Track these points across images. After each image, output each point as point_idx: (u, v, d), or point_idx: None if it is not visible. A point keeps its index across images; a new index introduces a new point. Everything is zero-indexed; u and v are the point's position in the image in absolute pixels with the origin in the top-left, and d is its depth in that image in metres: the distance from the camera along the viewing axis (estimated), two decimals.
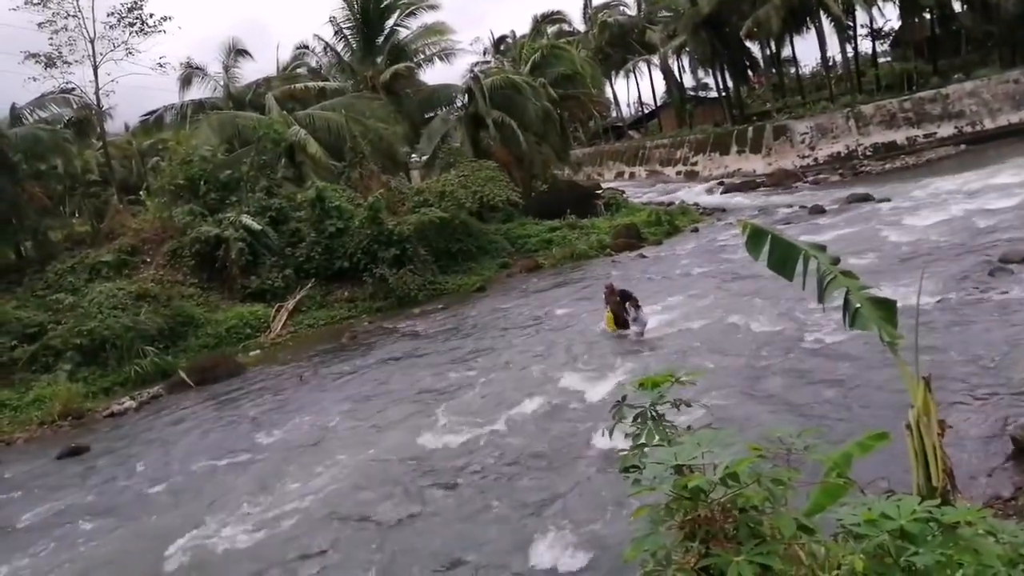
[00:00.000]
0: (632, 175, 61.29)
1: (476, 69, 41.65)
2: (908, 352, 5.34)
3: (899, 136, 40.81)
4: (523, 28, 72.00)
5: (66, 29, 30.86)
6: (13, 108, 31.27)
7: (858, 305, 5.16)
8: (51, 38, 30.86)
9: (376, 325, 22.26)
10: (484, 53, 68.75)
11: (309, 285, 24.68)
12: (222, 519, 10.08)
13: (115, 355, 19.73)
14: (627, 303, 15.61)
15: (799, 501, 2.86)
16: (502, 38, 73.15)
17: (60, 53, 31.08)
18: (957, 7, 47.87)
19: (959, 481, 5.57)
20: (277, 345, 21.88)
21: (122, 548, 9.93)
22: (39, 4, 30.16)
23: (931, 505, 2.46)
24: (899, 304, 5.54)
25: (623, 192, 40.87)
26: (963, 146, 38.83)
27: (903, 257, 18.00)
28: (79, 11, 30.92)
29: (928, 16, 48.31)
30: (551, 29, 64.40)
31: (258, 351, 21.42)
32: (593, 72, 42.42)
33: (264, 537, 9.42)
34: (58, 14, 30.60)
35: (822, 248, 5.52)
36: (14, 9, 29.96)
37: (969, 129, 39.85)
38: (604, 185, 47.77)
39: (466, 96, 35.70)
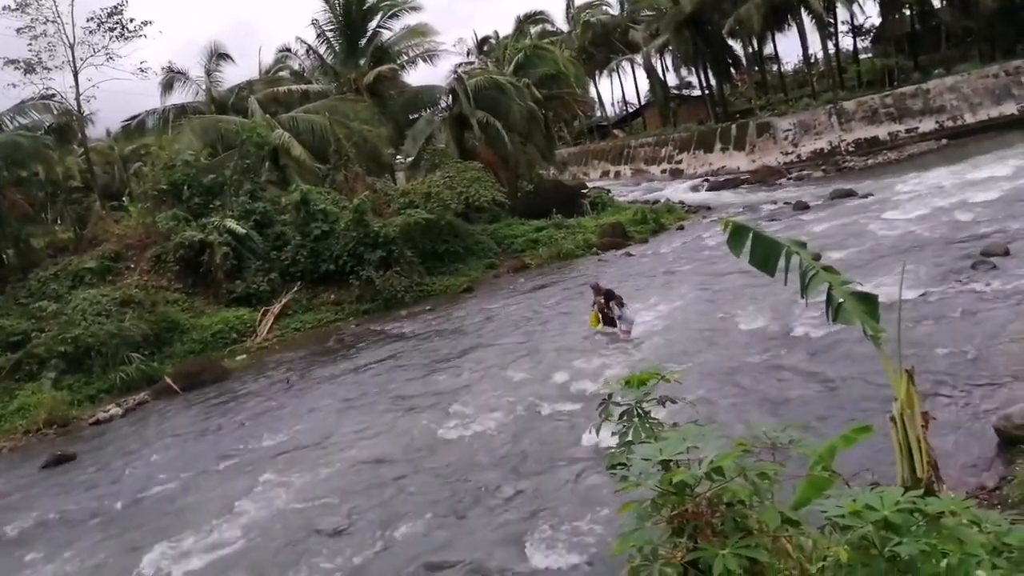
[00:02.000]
0: (617, 174, 61.43)
1: (460, 70, 41.59)
2: (891, 345, 5.39)
3: (881, 131, 41.14)
4: (506, 29, 72.06)
5: (45, 35, 30.66)
6: None
7: (841, 300, 5.20)
8: (30, 44, 30.66)
9: (363, 327, 22.20)
10: (468, 54, 68.67)
11: (295, 288, 24.58)
12: (207, 527, 9.98)
13: (100, 362, 19.58)
14: (611, 302, 15.65)
15: (785, 495, 2.88)
16: (485, 39, 73.07)
17: (40, 59, 30.88)
18: (936, 3, 48.37)
19: (943, 472, 5.61)
20: (263, 349, 21.77)
21: (106, 559, 9.84)
22: (17, 10, 29.92)
23: (915, 496, 2.48)
24: (882, 298, 5.59)
25: (609, 191, 40.96)
26: (944, 140, 39.19)
27: (886, 251, 18.13)
28: (58, 16, 30.72)
29: (908, 12, 48.84)
30: (534, 29, 64.46)
31: (244, 356, 21.31)
32: (577, 72, 42.47)
33: (250, 545, 9.36)
34: (37, 20, 30.40)
35: (803, 244, 5.57)
36: None
37: (950, 124, 40.23)
38: (589, 184, 47.90)
39: (450, 97, 35.67)
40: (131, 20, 32.18)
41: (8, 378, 19.27)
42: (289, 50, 40.85)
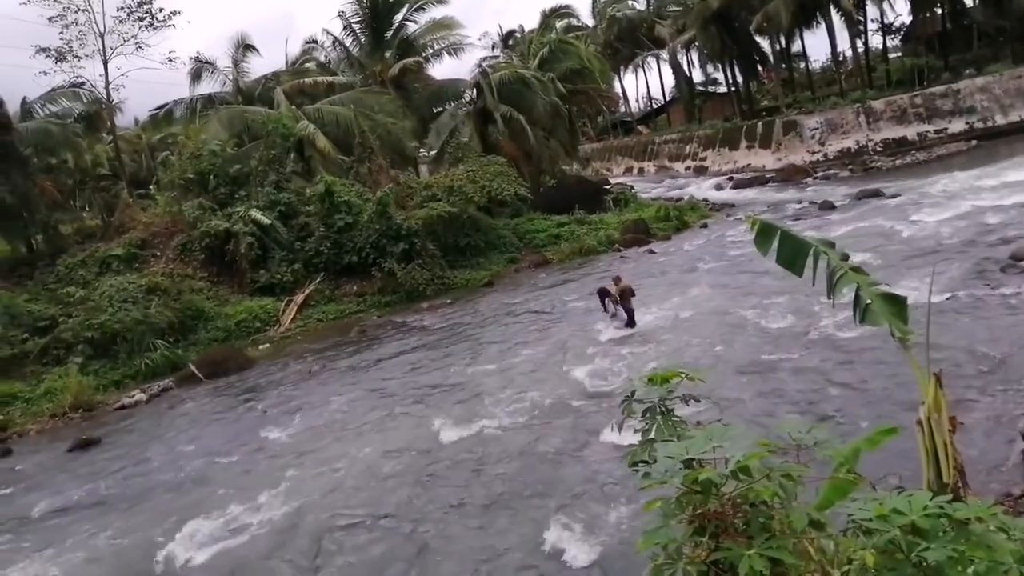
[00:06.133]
0: (641, 170, 61.15)
1: (484, 64, 41.50)
2: (919, 348, 5.33)
3: (909, 132, 40.57)
4: (531, 23, 71.85)
5: (76, 23, 30.98)
6: (24, 102, 31.44)
7: (869, 301, 5.14)
8: (62, 32, 30.99)
9: (385, 319, 22.31)
10: (492, 48, 68.56)
11: (318, 279, 24.76)
12: (228, 515, 10.10)
13: (125, 348, 19.87)
14: (606, 299, 15.69)
15: (808, 496, 2.86)
16: (510, 32, 72.96)
17: (70, 47, 31.21)
18: (969, 2, 47.53)
19: (969, 478, 5.55)
20: (286, 339, 21.96)
21: (128, 543, 9.98)
22: None
23: (943, 501, 2.46)
24: (909, 300, 5.53)
25: (632, 187, 40.82)
26: (974, 142, 38.56)
27: (913, 253, 17.91)
28: (89, 5, 31.02)
29: (940, 11, 48.00)
30: (560, 24, 64.02)
31: (267, 345, 21.50)
32: (602, 67, 42.23)
33: (270, 533, 9.46)
34: (68, 8, 30.72)
35: (831, 244, 5.51)
36: (25, 3, 30.10)
37: (980, 125, 39.57)
38: (613, 180, 47.71)
39: (474, 91, 35.63)
40: (160, 10, 32.48)
41: (36, 362, 19.60)
42: (316, 42, 41.02)
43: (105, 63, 31.54)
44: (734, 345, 13.58)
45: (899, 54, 55.42)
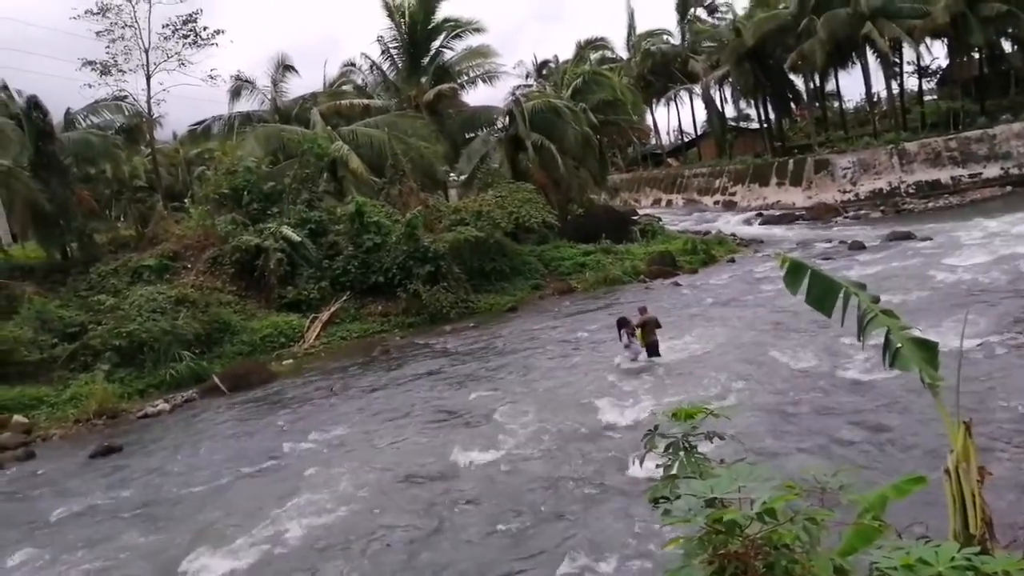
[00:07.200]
0: (669, 203, 61.10)
1: (518, 92, 41.88)
2: (948, 395, 5.24)
3: (943, 175, 40.20)
4: (566, 53, 72.37)
5: (123, 39, 31.76)
6: (67, 113, 32.19)
7: (899, 345, 5.08)
8: (108, 47, 31.79)
9: (408, 340, 22.39)
10: (526, 76, 69.23)
11: (344, 298, 24.94)
12: (243, 529, 10.10)
13: (152, 357, 20.10)
14: (623, 328, 15.69)
15: (831, 541, 2.82)
16: (544, 62, 73.66)
17: (115, 61, 31.97)
18: (1007, 47, 47.18)
19: (996, 530, 5.42)
20: (310, 355, 22.10)
21: (143, 551, 10.03)
22: (98, 14, 31.12)
23: (970, 553, 2.42)
24: (939, 345, 5.45)
25: (659, 219, 40.78)
26: (1009, 188, 38.10)
27: (943, 298, 17.67)
28: (136, 22, 31.84)
29: (977, 55, 47.69)
30: (594, 55, 64.55)
31: (291, 360, 21.65)
32: (634, 99, 42.45)
33: (284, 550, 9.44)
34: (116, 24, 31.54)
35: (862, 286, 5.46)
36: (75, 18, 31.00)
37: (1016, 171, 39.10)
38: (641, 211, 47.73)
39: (507, 118, 35.95)
40: (204, 28, 33.23)
41: (63, 367, 19.88)
42: (353, 65, 41.72)
43: (148, 78, 32.30)
44: (759, 382, 13.44)
45: (934, 97, 55.04)
